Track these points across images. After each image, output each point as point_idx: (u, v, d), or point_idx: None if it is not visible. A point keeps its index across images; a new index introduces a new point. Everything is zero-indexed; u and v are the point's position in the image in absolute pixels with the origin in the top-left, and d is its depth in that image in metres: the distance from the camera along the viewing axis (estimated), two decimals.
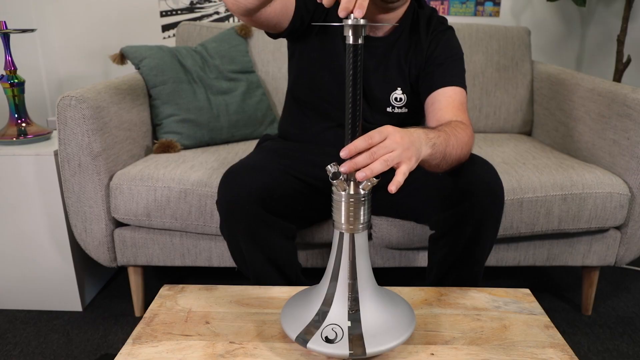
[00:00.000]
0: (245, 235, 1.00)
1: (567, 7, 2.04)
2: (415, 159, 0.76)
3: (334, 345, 0.71)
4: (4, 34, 1.41)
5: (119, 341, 1.34)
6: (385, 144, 0.72)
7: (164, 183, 1.27)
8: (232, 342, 0.78)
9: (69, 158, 1.26)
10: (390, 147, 0.72)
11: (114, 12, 2.00)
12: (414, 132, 0.80)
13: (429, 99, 1.09)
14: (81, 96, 1.22)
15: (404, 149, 0.73)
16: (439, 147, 0.85)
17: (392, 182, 0.71)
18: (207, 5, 2.02)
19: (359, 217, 0.73)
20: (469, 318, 0.85)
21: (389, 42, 1.14)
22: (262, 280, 1.05)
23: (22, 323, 1.43)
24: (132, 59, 1.54)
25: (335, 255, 0.75)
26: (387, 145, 0.72)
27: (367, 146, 0.71)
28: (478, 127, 1.84)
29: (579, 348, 1.33)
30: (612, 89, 1.37)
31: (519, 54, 1.82)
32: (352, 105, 0.70)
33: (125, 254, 1.36)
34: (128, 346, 0.77)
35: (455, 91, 1.08)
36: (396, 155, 0.72)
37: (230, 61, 1.67)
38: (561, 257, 1.38)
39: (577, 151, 1.51)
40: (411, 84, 1.15)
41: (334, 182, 0.71)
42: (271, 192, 0.99)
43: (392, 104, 1.15)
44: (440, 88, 1.08)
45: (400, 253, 1.34)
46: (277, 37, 1.14)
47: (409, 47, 1.14)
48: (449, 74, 1.10)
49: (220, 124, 1.58)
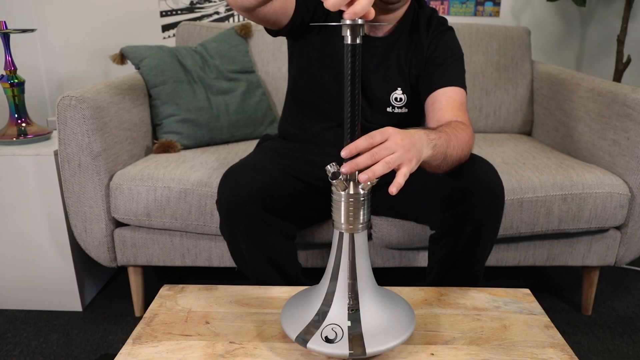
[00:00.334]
0: (245, 235, 1.00)
1: (567, 7, 2.04)
2: (416, 161, 0.76)
3: (334, 345, 0.71)
4: (4, 34, 1.42)
5: (119, 341, 1.34)
6: (387, 145, 0.72)
7: (164, 183, 1.27)
8: (232, 342, 0.78)
9: (69, 158, 1.26)
10: (392, 148, 0.72)
11: (114, 12, 2.00)
12: (415, 134, 0.80)
13: (429, 99, 1.09)
14: (81, 96, 1.22)
15: (405, 151, 0.73)
16: (440, 148, 0.85)
17: (393, 184, 0.71)
18: (207, 5, 2.02)
19: (359, 217, 0.73)
20: (469, 318, 0.85)
21: (389, 42, 1.14)
22: (262, 280, 1.05)
23: (22, 323, 1.43)
24: (132, 59, 1.54)
25: (335, 255, 0.75)
26: (388, 147, 0.72)
27: (368, 146, 0.71)
28: (478, 127, 1.84)
29: (579, 348, 1.33)
30: (612, 89, 1.37)
31: (519, 54, 1.82)
32: (350, 105, 0.70)
33: (125, 254, 1.36)
34: (128, 346, 0.77)
35: (455, 91, 1.08)
36: (397, 157, 0.72)
37: (230, 61, 1.67)
38: (561, 257, 1.38)
39: (577, 151, 1.51)
40: (411, 84, 1.15)
41: (333, 182, 0.71)
42: (271, 192, 0.99)
43: (392, 104, 1.15)
44: (440, 88, 1.08)
45: (400, 253, 1.34)
46: (276, 35, 1.14)
47: (409, 47, 1.14)
48: (449, 74, 1.10)
49: (220, 124, 1.58)
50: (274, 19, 1.06)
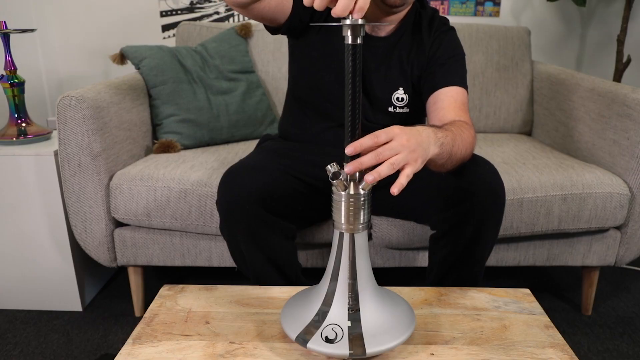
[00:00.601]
0: (245, 235, 1.00)
1: (567, 7, 2.04)
2: (421, 161, 0.76)
3: (334, 345, 0.71)
4: (4, 34, 1.42)
5: (119, 341, 1.34)
6: (392, 145, 0.71)
7: (164, 183, 1.27)
8: (232, 342, 0.78)
9: (69, 158, 1.26)
10: (396, 149, 0.71)
11: (114, 12, 2.00)
12: (423, 132, 0.79)
13: (431, 99, 1.09)
14: (81, 96, 1.22)
15: (410, 151, 0.73)
16: (446, 147, 0.84)
17: (395, 184, 0.70)
18: (207, 5, 2.02)
19: (359, 217, 0.73)
20: (469, 318, 0.85)
21: (390, 42, 1.14)
22: (262, 280, 1.05)
23: (22, 323, 1.43)
24: (132, 59, 1.54)
25: (335, 255, 0.75)
26: (393, 147, 0.71)
27: (372, 145, 0.71)
28: (478, 127, 1.84)
29: (579, 348, 1.33)
30: (612, 89, 1.37)
31: (519, 54, 1.82)
32: (351, 105, 0.70)
33: (125, 254, 1.36)
34: (128, 346, 0.77)
35: (457, 91, 1.08)
36: (402, 158, 0.71)
37: (230, 61, 1.67)
38: (561, 257, 1.38)
39: (577, 151, 1.51)
40: (413, 84, 1.15)
41: (333, 182, 0.71)
42: (271, 192, 0.99)
43: (394, 104, 1.15)
44: (442, 88, 1.08)
45: (400, 253, 1.34)
46: (275, 33, 1.14)
47: (411, 47, 1.14)
48: (451, 74, 1.10)
49: (220, 124, 1.58)
50: (270, 16, 1.06)
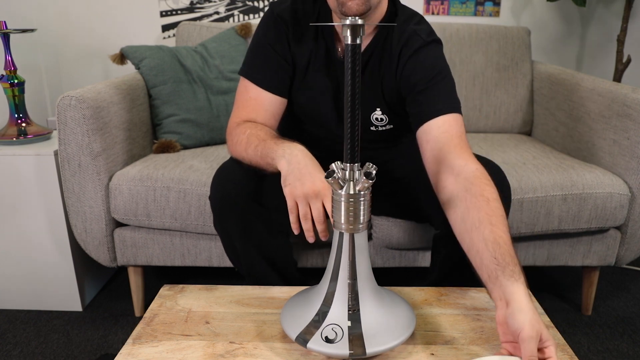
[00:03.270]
0: (237, 230, 0.99)
1: (567, 7, 2.03)
2: (544, 325, 0.71)
3: (334, 345, 0.71)
4: (4, 34, 1.42)
5: (119, 341, 1.34)
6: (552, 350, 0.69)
7: (164, 183, 1.27)
8: (232, 342, 0.78)
9: (69, 158, 1.26)
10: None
11: (113, 12, 2.00)
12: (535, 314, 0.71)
13: (421, 132, 0.97)
14: (81, 96, 1.22)
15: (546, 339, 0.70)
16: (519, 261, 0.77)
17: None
18: (207, 5, 2.02)
19: (359, 217, 0.72)
20: (469, 318, 0.85)
21: (363, 60, 1.05)
22: (255, 275, 1.05)
23: (22, 323, 1.43)
24: (132, 59, 1.54)
25: (335, 255, 0.75)
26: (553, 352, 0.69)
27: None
28: (478, 127, 1.83)
29: (579, 348, 1.33)
30: (612, 89, 1.37)
31: (519, 54, 1.82)
32: (351, 105, 0.70)
33: (125, 254, 1.36)
34: (128, 346, 0.77)
35: (449, 122, 0.95)
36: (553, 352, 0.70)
37: (230, 61, 1.66)
38: (561, 257, 1.38)
39: (577, 151, 1.51)
40: (387, 103, 1.07)
41: (328, 180, 0.71)
42: (263, 187, 0.99)
43: (374, 124, 1.09)
44: (430, 120, 0.95)
45: (401, 253, 1.34)
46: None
47: (381, 66, 1.06)
48: (437, 101, 0.97)
49: (220, 124, 1.58)
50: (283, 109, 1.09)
